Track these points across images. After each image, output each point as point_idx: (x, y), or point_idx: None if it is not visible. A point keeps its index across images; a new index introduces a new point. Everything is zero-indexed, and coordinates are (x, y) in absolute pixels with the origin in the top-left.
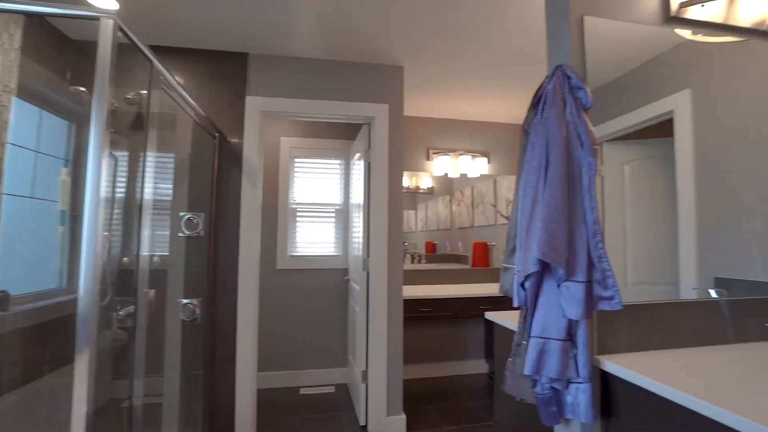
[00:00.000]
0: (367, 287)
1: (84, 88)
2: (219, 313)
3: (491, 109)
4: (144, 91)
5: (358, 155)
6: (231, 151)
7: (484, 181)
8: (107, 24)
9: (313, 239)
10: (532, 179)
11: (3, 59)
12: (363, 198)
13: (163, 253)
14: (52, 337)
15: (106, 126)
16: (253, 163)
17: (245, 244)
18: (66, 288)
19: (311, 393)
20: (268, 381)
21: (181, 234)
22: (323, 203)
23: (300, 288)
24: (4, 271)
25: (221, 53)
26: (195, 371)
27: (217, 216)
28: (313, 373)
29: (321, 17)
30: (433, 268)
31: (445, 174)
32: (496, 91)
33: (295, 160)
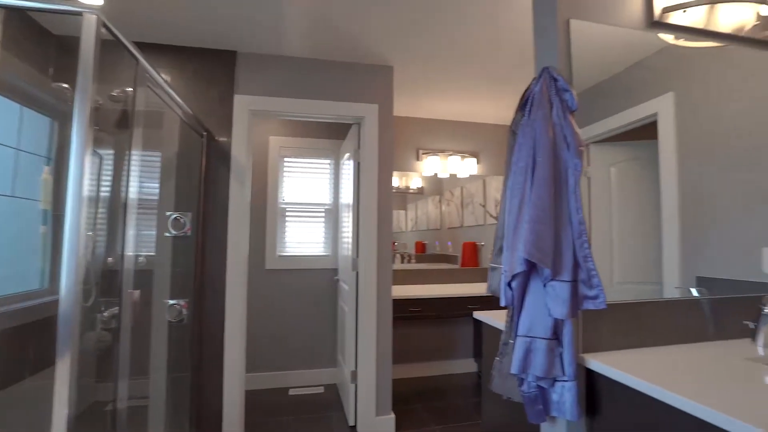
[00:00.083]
0: (357, 287)
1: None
2: (206, 313)
3: (480, 109)
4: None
5: (347, 155)
6: (219, 150)
7: (473, 182)
8: (90, 19)
9: (303, 239)
10: (519, 180)
11: None
12: (352, 198)
13: (149, 253)
14: (33, 339)
15: (89, 123)
16: (241, 162)
17: (233, 244)
18: (48, 289)
19: (300, 393)
20: (256, 382)
21: (167, 234)
22: (312, 203)
23: (289, 288)
24: None
25: (209, 51)
26: (182, 373)
27: (205, 215)
28: (302, 374)
29: (310, 16)
30: (422, 268)
31: (435, 174)
32: (484, 92)
33: (285, 159)
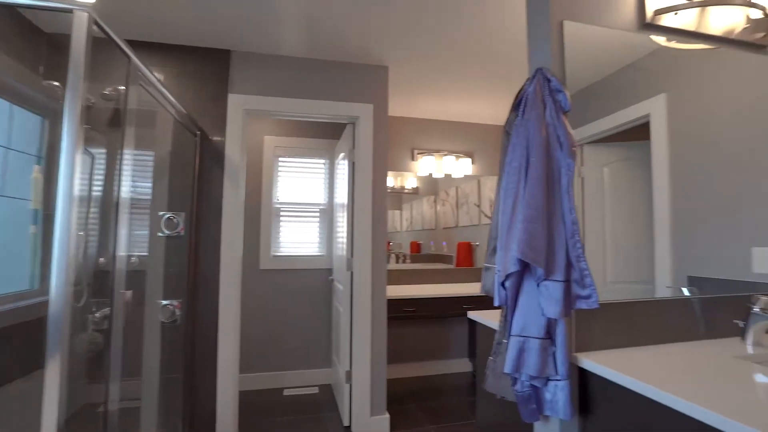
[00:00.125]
0: (351, 287)
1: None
2: (200, 314)
3: (475, 109)
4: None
5: (342, 155)
6: (213, 149)
7: (468, 182)
8: (81, 17)
9: (297, 239)
10: (512, 180)
11: None
12: (347, 198)
13: (141, 254)
14: (24, 340)
15: (80, 122)
16: (235, 161)
17: (227, 244)
18: (39, 290)
19: (295, 394)
20: (250, 383)
21: (160, 234)
22: (307, 203)
23: (283, 288)
24: None
25: (203, 50)
26: (175, 374)
27: (199, 215)
28: (296, 374)
29: (305, 16)
30: (417, 268)
31: (430, 174)
32: (479, 92)
33: (279, 159)
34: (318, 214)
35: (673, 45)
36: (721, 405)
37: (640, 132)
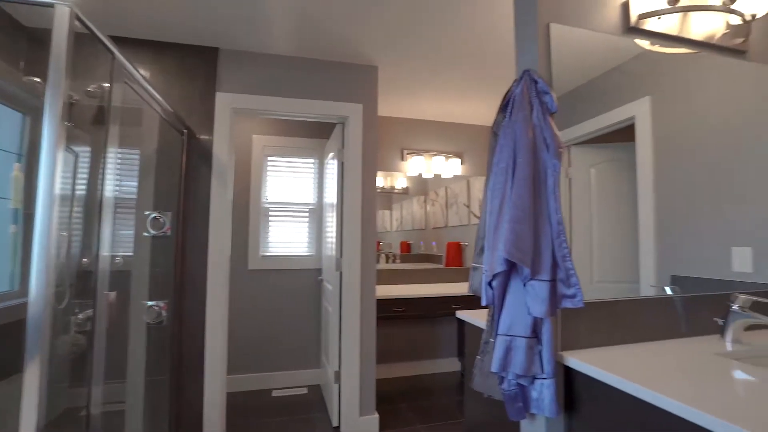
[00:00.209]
0: (340, 287)
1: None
2: (186, 314)
3: (464, 110)
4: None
5: (331, 154)
6: (200, 148)
7: (457, 182)
8: (63, 11)
9: (286, 239)
10: (500, 180)
11: None
12: (336, 198)
13: (126, 254)
14: (2, 343)
15: (61, 119)
16: (223, 160)
17: (215, 244)
18: (19, 291)
19: (283, 395)
20: (238, 384)
21: (146, 234)
22: (296, 203)
23: (272, 288)
24: None
25: (191, 47)
26: (161, 375)
27: (185, 215)
28: (285, 375)
29: (294, 14)
30: (407, 268)
31: (420, 174)
32: (469, 93)
33: (268, 158)
34: (307, 214)
35: (657, 49)
36: (701, 401)
37: (625, 134)
